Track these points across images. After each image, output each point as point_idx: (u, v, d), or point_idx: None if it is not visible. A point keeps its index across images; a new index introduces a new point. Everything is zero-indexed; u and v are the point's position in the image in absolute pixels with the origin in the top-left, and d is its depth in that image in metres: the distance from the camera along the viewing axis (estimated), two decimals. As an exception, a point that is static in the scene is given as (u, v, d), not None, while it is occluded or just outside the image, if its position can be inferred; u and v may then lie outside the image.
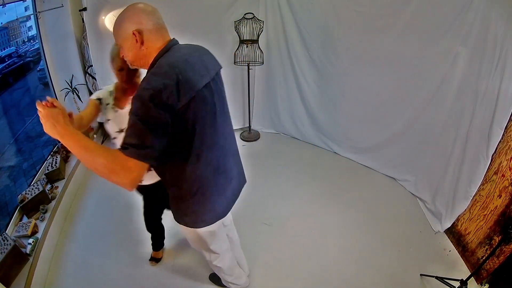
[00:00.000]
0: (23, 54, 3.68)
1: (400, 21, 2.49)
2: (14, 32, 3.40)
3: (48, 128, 0.98)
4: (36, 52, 3.62)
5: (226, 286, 1.97)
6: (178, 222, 1.37)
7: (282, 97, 3.62)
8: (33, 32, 3.24)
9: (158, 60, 1.06)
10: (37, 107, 0.99)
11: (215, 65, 1.23)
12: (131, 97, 1.00)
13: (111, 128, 1.47)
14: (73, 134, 0.98)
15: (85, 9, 2.74)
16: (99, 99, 1.41)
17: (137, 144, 0.94)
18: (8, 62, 3.49)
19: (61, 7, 2.89)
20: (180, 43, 1.18)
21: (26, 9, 2.98)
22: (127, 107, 1.37)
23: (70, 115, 1.04)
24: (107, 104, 1.41)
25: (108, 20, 2.86)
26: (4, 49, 3.40)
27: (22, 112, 3.83)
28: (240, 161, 1.49)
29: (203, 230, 1.38)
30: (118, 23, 1.08)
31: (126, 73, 1.39)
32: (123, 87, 1.43)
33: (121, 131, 1.41)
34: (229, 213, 1.55)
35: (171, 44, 1.11)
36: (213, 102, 1.16)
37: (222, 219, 1.44)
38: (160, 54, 1.08)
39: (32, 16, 2.99)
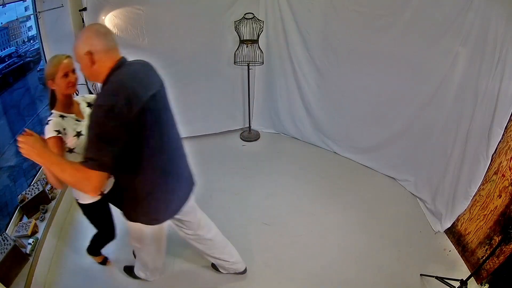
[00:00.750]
0: (23, 54, 3.68)
1: (400, 21, 2.49)
2: (14, 32, 3.40)
3: (26, 153, 1.13)
4: (36, 52, 3.62)
5: (138, 277, 2.02)
6: (133, 221, 1.47)
7: (282, 97, 3.62)
8: (33, 32, 3.24)
9: (110, 77, 1.20)
10: (18, 139, 1.12)
11: (159, 79, 1.38)
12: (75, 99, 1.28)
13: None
14: (46, 155, 1.14)
15: (85, 9, 2.74)
16: (57, 131, 1.40)
17: (94, 158, 1.09)
18: (8, 62, 3.48)
19: (61, 7, 2.88)
20: (131, 59, 1.35)
21: (26, 9, 2.98)
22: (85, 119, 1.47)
23: (44, 140, 1.24)
24: (64, 129, 1.43)
25: (108, 20, 2.86)
26: (4, 49, 3.40)
27: (22, 112, 3.83)
28: (188, 163, 1.62)
29: (154, 228, 1.52)
30: (75, 43, 1.20)
31: (70, 79, 1.44)
32: (66, 96, 1.47)
33: (78, 134, 1.50)
34: (197, 218, 1.77)
35: (120, 63, 1.23)
36: (159, 112, 1.30)
37: (186, 225, 1.72)
38: (110, 72, 1.20)
39: (32, 16, 2.99)
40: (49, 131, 1.40)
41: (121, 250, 2.32)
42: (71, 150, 1.50)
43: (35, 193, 2.38)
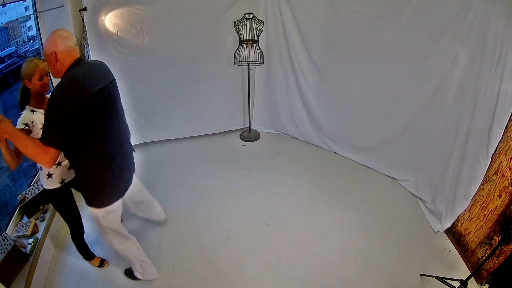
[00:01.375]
0: (23, 54, 3.68)
1: (400, 21, 2.49)
2: (14, 32, 3.40)
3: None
4: (36, 52, 3.61)
5: (138, 278, 2.10)
6: (88, 205, 1.67)
7: (282, 97, 3.62)
8: (33, 32, 3.23)
9: (67, 72, 1.43)
10: None
11: (109, 76, 1.60)
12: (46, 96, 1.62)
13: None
14: (13, 133, 1.36)
15: (85, 9, 2.74)
16: (25, 124, 1.63)
17: (48, 136, 1.35)
18: (8, 62, 3.48)
19: (61, 7, 2.88)
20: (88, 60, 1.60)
21: (26, 9, 2.98)
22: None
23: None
24: (32, 121, 1.65)
25: (108, 20, 2.86)
26: (4, 49, 3.40)
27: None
28: (131, 151, 1.87)
29: (107, 209, 1.68)
30: (44, 45, 1.45)
31: (44, 81, 1.67)
32: (39, 94, 1.69)
33: None
34: (142, 189, 2.10)
35: (76, 62, 1.46)
36: (106, 104, 1.51)
37: (136, 198, 2.01)
38: (68, 68, 1.44)
39: (32, 16, 2.99)
40: (19, 124, 1.62)
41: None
42: None
43: (35, 193, 2.38)
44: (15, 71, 3.61)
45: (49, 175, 1.79)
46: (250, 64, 3.37)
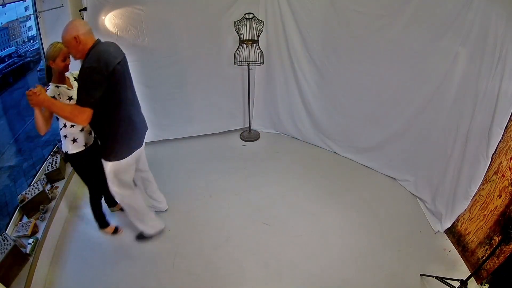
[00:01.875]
0: (23, 54, 3.68)
1: (400, 21, 2.49)
2: (14, 32, 3.40)
3: (35, 103, 1.69)
4: (36, 52, 3.61)
5: (149, 235, 2.38)
6: (106, 160, 1.96)
7: (282, 97, 3.62)
8: (33, 32, 3.24)
9: (90, 51, 1.74)
10: (27, 93, 1.66)
11: (122, 53, 1.91)
12: (66, 75, 2.00)
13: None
14: (50, 101, 1.74)
15: (85, 9, 2.74)
16: (53, 96, 1.91)
17: (84, 99, 1.68)
18: (8, 62, 3.48)
19: (61, 7, 2.88)
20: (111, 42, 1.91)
21: (26, 9, 2.98)
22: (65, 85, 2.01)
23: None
24: (59, 94, 1.96)
25: (108, 20, 2.86)
26: (4, 49, 3.40)
27: (22, 112, 3.83)
28: (142, 113, 2.15)
29: (122, 163, 1.98)
30: (63, 33, 1.73)
31: (67, 62, 1.96)
32: (61, 73, 1.98)
33: (70, 98, 2.00)
34: (145, 160, 2.36)
35: (96, 42, 1.79)
36: (123, 73, 1.85)
37: (139, 165, 2.25)
38: (90, 48, 1.75)
39: (32, 16, 2.99)
40: (49, 95, 1.82)
41: (121, 250, 2.33)
42: None
43: (35, 193, 2.38)
44: (15, 71, 3.62)
45: (74, 140, 2.04)
46: (250, 64, 3.37)
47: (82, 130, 2.05)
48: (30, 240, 2.09)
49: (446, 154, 2.41)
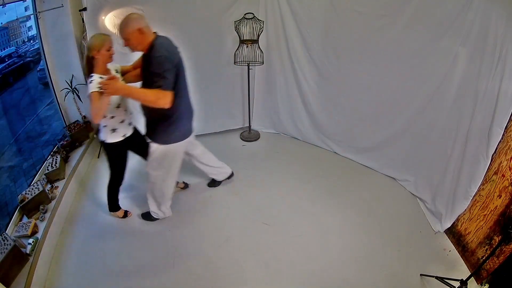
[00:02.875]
0: (23, 54, 3.68)
1: (399, 21, 2.49)
2: (14, 32, 3.41)
3: (112, 91, 1.78)
4: (36, 52, 3.62)
5: (155, 218, 2.54)
6: (158, 143, 2.10)
7: (282, 97, 3.62)
8: (33, 32, 3.24)
9: (154, 43, 1.87)
10: (102, 82, 1.76)
11: (177, 45, 2.03)
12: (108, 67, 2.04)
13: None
14: (128, 88, 1.88)
15: (85, 9, 2.74)
16: (99, 87, 1.87)
17: (164, 84, 1.82)
18: (8, 62, 3.49)
19: (61, 7, 2.88)
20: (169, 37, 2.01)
21: (26, 9, 2.98)
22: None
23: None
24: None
25: (108, 20, 2.86)
26: (4, 49, 3.40)
27: (22, 112, 3.83)
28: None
29: (171, 147, 2.13)
30: (124, 26, 1.83)
31: (111, 52, 2.00)
32: (105, 63, 1.99)
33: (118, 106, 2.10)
34: (198, 143, 2.60)
35: (157, 35, 1.93)
36: (183, 63, 1.99)
37: (194, 151, 2.55)
38: (153, 40, 1.88)
39: (32, 16, 2.99)
40: (93, 87, 1.87)
41: (121, 250, 2.33)
42: None
43: (35, 193, 2.38)
44: (15, 71, 3.62)
45: (114, 130, 2.12)
46: (250, 64, 3.37)
47: (122, 121, 2.14)
48: (30, 240, 2.09)
49: (446, 154, 2.41)
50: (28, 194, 2.38)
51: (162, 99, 1.82)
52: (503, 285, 1.88)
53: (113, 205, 2.54)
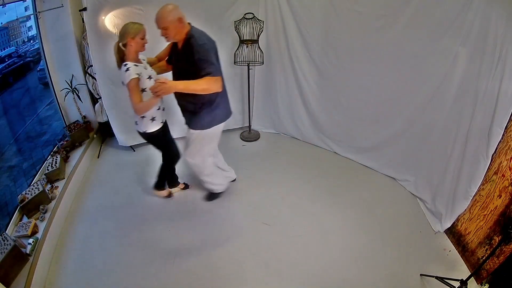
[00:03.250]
0: (23, 54, 3.68)
1: (400, 21, 2.49)
2: (14, 32, 3.40)
3: (166, 91, 1.85)
4: (36, 52, 3.62)
5: (218, 195, 2.75)
6: (198, 129, 2.20)
7: (282, 97, 3.62)
8: (33, 32, 3.24)
9: (192, 32, 1.96)
10: (155, 86, 1.81)
11: None
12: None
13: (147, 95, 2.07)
14: (180, 84, 1.94)
15: (85, 9, 2.74)
16: (137, 74, 1.94)
17: (214, 68, 1.91)
18: (8, 62, 3.49)
19: (61, 7, 2.88)
20: None
21: (26, 9, 2.98)
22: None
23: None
24: (140, 73, 1.99)
25: (108, 20, 2.86)
26: (4, 49, 3.40)
27: (22, 112, 3.83)
28: None
29: (210, 131, 2.23)
30: (167, 14, 1.86)
31: (145, 41, 2.04)
32: (137, 52, 2.03)
33: (149, 77, 2.08)
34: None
35: (192, 25, 2.01)
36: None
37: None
38: (190, 29, 1.98)
39: (32, 16, 2.99)
40: (132, 74, 1.90)
41: (121, 250, 2.33)
42: (143, 90, 2.04)
43: (35, 193, 2.38)
44: (15, 71, 3.62)
45: (153, 119, 2.16)
46: (250, 64, 3.37)
47: (159, 109, 2.19)
48: (30, 240, 2.09)
49: (446, 154, 2.41)
50: (28, 194, 2.38)
51: (215, 84, 1.89)
52: (503, 285, 1.88)
53: (161, 183, 2.70)
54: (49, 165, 2.74)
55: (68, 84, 3.20)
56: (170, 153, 2.48)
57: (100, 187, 3.00)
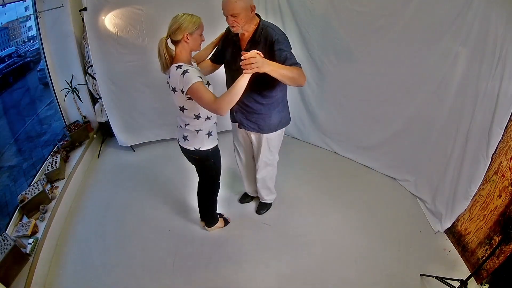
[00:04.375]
0: (23, 54, 3.68)
1: (400, 21, 2.49)
2: (14, 32, 3.41)
3: (260, 65, 1.43)
4: (36, 52, 3.62)
5: (270, 204, 2.68)
6: (277, 130, 2.08)
7: (282, 97, 3.62)
8: (33, 32, 3.24)
9: (264, 24, 1.79)
10: (246, 58, 1.40)
11: None
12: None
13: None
14: (273, 64, 1.52)
15: (85, 9, 2.74)
16: (199, 77, 1.57)
17: (296, 61, 1.67)
18: (8, 62, 3.49)
19: (61, 7, 2.89)
20: None
21: (26, 9, 2.98)
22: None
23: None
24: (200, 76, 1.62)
25: (108, 20, 2.86)
26: (4, 49, 3.40)
27: (22, 112, 3.83)
28: None
29: (280, 132, 2.14)
30: (235, 2, 1.63)
31: (203, 38, 1.75)
32: (191, 51, 1.71)
33: (207, 83, 1.71)
34: None
35: (260, 17, 1.83)
36: None
37: None
38: (260, 21, 1.80)
39: (32, 16, 2.99)
40: (194, 77, 1.51)
41: (121, 251, 2.33)
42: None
43: (35, 193, 2.38)
44: (15, 71, 3.62)
45: (209, 134, 1.80)
46: (250, 64, 3.36)
47: (215, 123, 1.85)
48: (30, 240, 2.09)
49: (446, 154, 2.41)
50: (28, 194, 2.38)
51: (303, 77, 1.64)
52: (503, 285, 1.88)
53: (212, 216, 2.33)
54: (49, 165, 2.75)
55: (68, 84, 3.20)
56: (217, 181, 2.12)
57: (100, 187, 3.00)
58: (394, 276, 2.11)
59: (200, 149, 1.81)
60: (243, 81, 1.47)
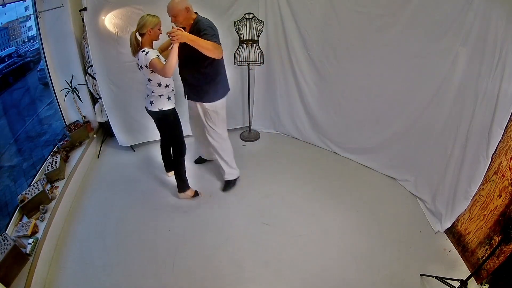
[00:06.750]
0: (23, 54, 3.68)
1: (400, 21, 2.49)
2: (14, 32, 3.41)
3: (180, 38, 2.02)
4: (36, 52, 3.62)
5: (234, 182, 2.95)
6: (211, 101, 2.51)
7: (282, 97, 3.62)
8: (33, 32, 3.24)
9: (198, 19, 2.28)
10: (172, 31, 2.02)
11: None
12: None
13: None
14: (193, 37, 2.10)
15: (85, 9, 2.74)
16: (157, 55, 2.16)
17: (217, 40, 2.20)
18: (8, 62, 3.49)
19: (61, 7, 2.88)
20: None
21: (26, 9, 2.98)
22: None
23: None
24: (158, 55, 2.21)
25: (108, 20, 2.86)
26: (4, 49, 3.40)
27: (22, 112, 3.83)
28: None
29: (221, 101, 2.57)
30: (174, 6, 2.19)
31: (161, 31, 2.26)
32: (152, 41, 2.26)
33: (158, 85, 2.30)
34: None
35: (198, 14, 2.32)
36: None
37: None
38: (197, 17, 2.30)
39: (32, 16, 2.99)
40: (152, 55, 2.12)
41: (121, 250, 2.33)
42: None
43: (35, 193, 2.38)
44: (15, 71, 3.62)
45: (169, 98, 2.38)
46: (250, 64, 3.37)
47: (173, 90, 2.39)
48: (30, 240, 2.09)
49: (446, 154, 2.41)
50: (28, 194, 2.38)
51: (218, 51, 2.15)
52: (503, 285, 1.88)
53: (186, 183, 2.73)
54: (49, 165, 2.74)
55: (68, 84, 3.19)
56: (180, 139, 2.58)
57: (100, 187, 3.00)
58: (394, 276, 2.11)
59: (163, 109, 2.36)
60: (174, 49, 2.05)
